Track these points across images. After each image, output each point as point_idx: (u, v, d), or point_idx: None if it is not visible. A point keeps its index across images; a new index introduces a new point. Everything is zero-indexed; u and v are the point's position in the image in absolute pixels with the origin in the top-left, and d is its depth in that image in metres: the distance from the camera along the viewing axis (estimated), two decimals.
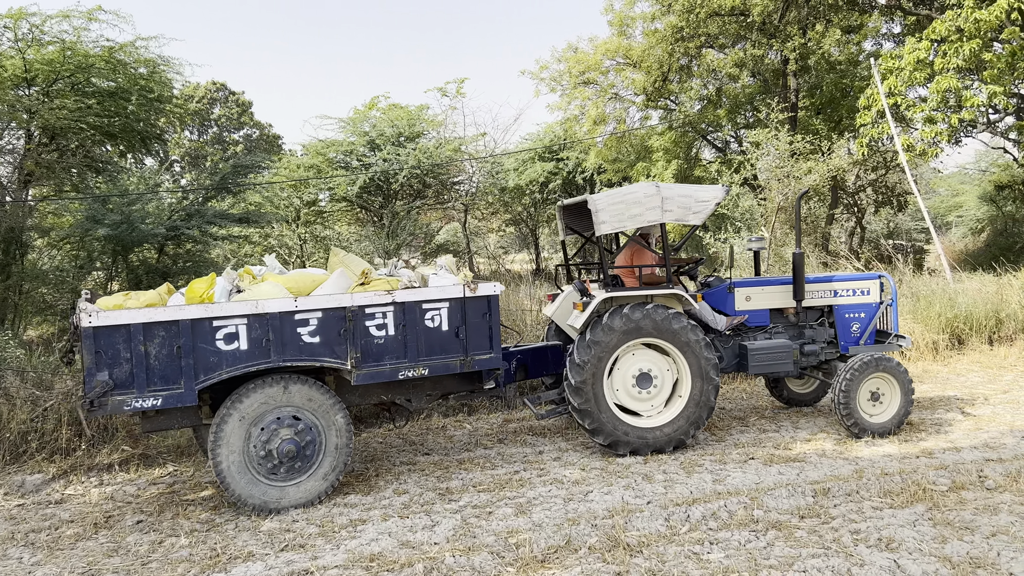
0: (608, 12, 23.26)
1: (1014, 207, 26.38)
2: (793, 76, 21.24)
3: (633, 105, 24.33)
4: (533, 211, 30.20)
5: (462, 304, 6.62)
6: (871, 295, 8.44)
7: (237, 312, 5.97)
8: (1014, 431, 7.63)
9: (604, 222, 7.27)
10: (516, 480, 6.76)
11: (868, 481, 6.23)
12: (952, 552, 4.86)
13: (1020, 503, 5.65)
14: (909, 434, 7.72)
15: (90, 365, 5.63)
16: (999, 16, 14.40)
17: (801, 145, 17.28)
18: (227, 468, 6.04)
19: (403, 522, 5.82)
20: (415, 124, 22.32)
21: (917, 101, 16.77)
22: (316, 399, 6.29)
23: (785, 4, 20.07)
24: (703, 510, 5.73)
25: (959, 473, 6.35)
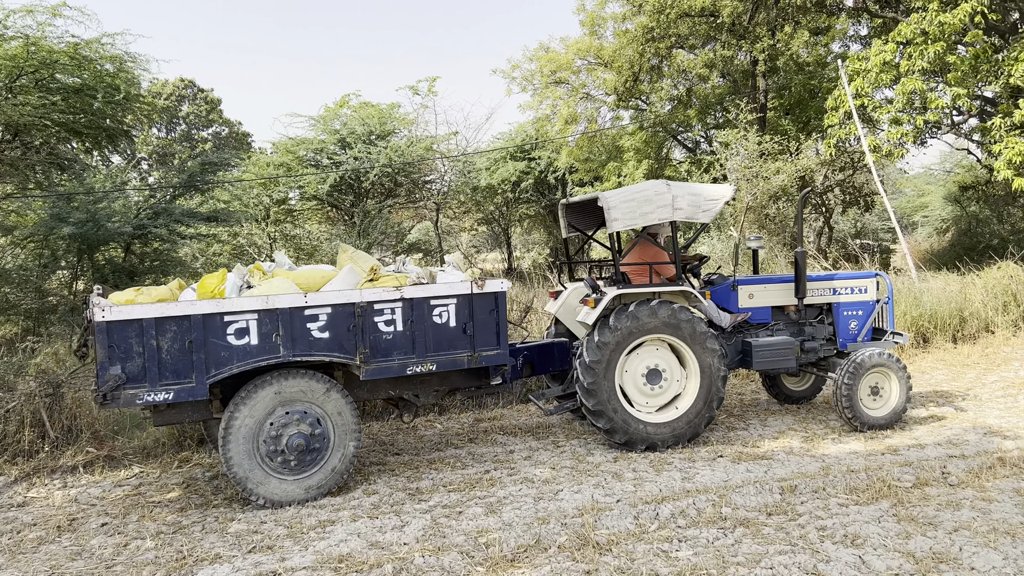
0: (580, 12, 23.33)
1: (978, 208, 26.83)
2: (762, 77, 21.44)
3: (604, 105, 24.43)
4: (505, 210, 30.20)
5: (470, 300, 6.71)
6: (868, 293, 8.63)
7: (248, 307, 6.04)
8: (976, 428, 7.76)
9: (616, 219, 7.31)
10: (486, 479, 6.76)
11: (834, 478, 6.31)
12: (915, 547, 4.94)
13: (981, 499, 5.75)
14: (874, 432, 7.82)
15: (103, 359, 5.69)
16: (963, 19, 14.64)
17: (770, 145, 17.47)
18: (237, 462, 6.11)
19: (372, 522, 5.79)
20: (386, 122, 22.23)
21: (883, 102, 17.00)
22: (325, 394, 6.36)
23: (754, 6, 20.25)
24: (672, 508, 5.76)
25: (923, 470, 6.45)
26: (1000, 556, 4.75)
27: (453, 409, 9.30)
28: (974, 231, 25.52)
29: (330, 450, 6.42)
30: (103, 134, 13.96)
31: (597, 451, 7.49)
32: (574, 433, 8.25)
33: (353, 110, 22.76)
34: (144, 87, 15.34)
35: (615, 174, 23.54)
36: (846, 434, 7.78)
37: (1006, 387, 9.60)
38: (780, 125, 21.84)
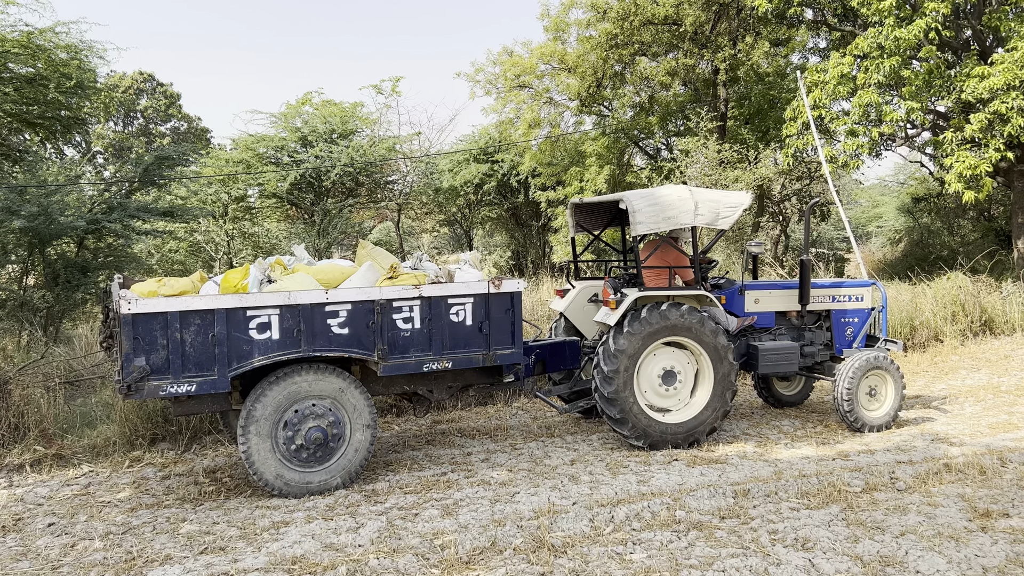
0: (544, 17, 23.40)
1: (929, 219, 27.48)
2: (723, 86, 21.71)
3: (567, 110, 24.52)
4: (468, 212, 30.17)
5: (486, 300, 6.83)
6: (865, 301, 8.89)
7: (270, 303, 6.16)
8: (924, 435, 7.94)
9: (641, 223, 7.44)
10: (443, 482, 6.74)
11: (786, 482, 6.41)
12: (864, 551, 5.04)
13: (928, 504, 5.89)
14: (826, 437, 7.97)
15: (128, 351, 5.79)
16: (917, 35, 14.98)
17: (729, 154, 17.69)
18: (256, 453, 6.21)
19: (327, 524, 5.74)
20: (349, 121, 22.09)
21: (840, 114, 17.30)
22: (343, 389, 6.47)
23: (716, 16, 20.51)
24: (627, 511, 5.81)
25: (872, 475, 6.58)
26: (944, 560, 4.87)
27: (409, 411, 9.26)
28: (925, 242, 26.14)
29: (346, 443, 6.54)
30: (57, 125, 13.67)
31: (555, 454, 7.52)
32: (532, 436, 8.27)
33: (315, 108, 22.57)
34: (101, 79, 15.03)
35: (577, 179, 23.63)
36: (798, 439, 7.91)
37: (953, 395, 9.84)
38: (740, 134, 22.13)
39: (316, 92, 22.85)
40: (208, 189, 21.52)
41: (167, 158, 14.77)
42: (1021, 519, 5.52)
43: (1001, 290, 14.91)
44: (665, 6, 19.99)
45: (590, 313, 8.47)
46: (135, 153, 28.69)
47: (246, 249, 23.91)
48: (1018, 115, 14.51)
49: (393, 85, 23.85)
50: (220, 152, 23.74)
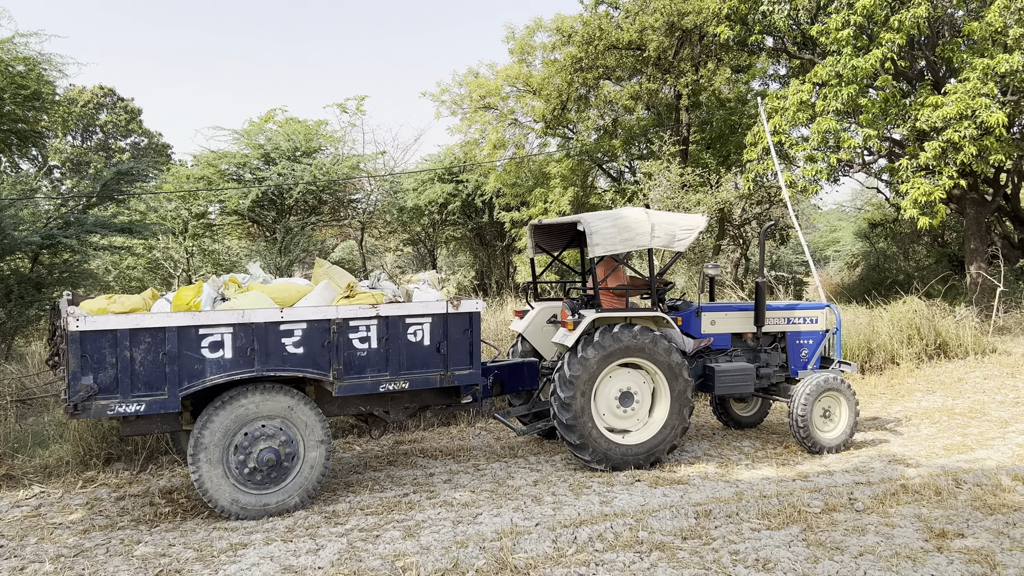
0: (509, 40, 23.57)
1: (886, 244, 28.05)
2: (685, 111, 22.02)
3: (532, 132, 24.67)
4: (432, 232, 30.11)
5: (444, 320, 6.77)
6: (819, 323, 8.99)
7: (223, 321, 6.03)
8: (882, 456, 8.05)
9: (598, 244, 7.48)
10: (405, 503, 6.67)
11: (747, 503, 6.44)
12: (823, 572, 5.08)
13: (885, 524, 5.96)
14: (787, 458, 8.04)
15: (75, 369, 5.66)
16: (874, 64, 15.36)
17: (691, 177, 17.92)
18: (207, 475, 6.07)
19: (286, 546, 5.64)
20: (312, 139, 21.99)
21: (799, 140, 17.65)
22: (297, 409, 6.36)
23: (679, 42, 20.83)
24: (590, 531, 5.79)
25: (831, 495, 6.65)
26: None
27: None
28: (882, 266, 26.66)
29: (301, 462, 6.42)
30: (13, 138, 13.40)
31: (518, 474, 7.48)
32: (495, 456, 8.23)
33: (279, 125, 22.44)
34: (60, 92, 14.79)
35: (542, 200, 23.74)
36: (759, 460, 7.97)
37: (909, 417, 10.00)
38: (701, 158, 22.45)
39: (280, 109, 22.76)
40: (168, 205, 21.24)
41: (126, 173, 14.52)
42: (976, 539, 5.61)
43: (955, 314, 15.23)
44: (629, 31, 20.27)
45: (548, 334, 8.44)
46: (93, 168, 28.22)
47: (206, 267, 23.59)
48: (970, 144, 14.92)
49: (358, 104, 23.84)
50: (181, 168, 23.47)
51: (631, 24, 20.39)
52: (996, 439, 8.69)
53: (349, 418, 9.07)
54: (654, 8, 19.95)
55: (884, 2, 15.69)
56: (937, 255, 25.79)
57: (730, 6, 18.29)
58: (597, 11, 21.51)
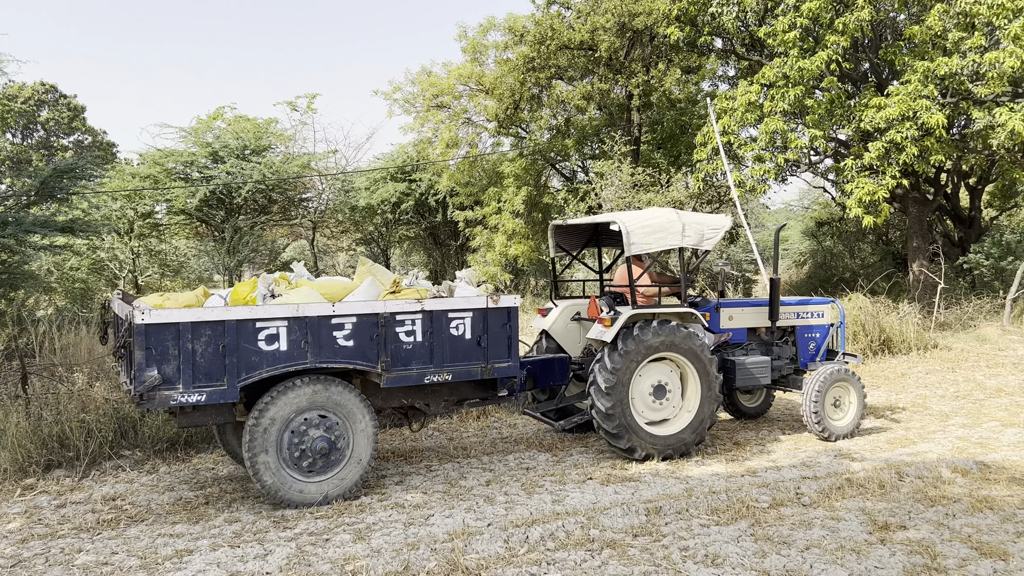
0: (461, 39, 23.51)
1: (832, 242, 28.63)
2: (636, 111, 22.20)
3: (485, 131, 24.65)
4: (385, 231, 29.91)
5: (485, 314, 7.02)
6: (825, 318, 9.50)
7: (279, 315, 6.28)
8: (828, 451, 8.20)
9: (634, 243, 7.76)
10: (356, 505, 6.60)
11: (697, 499, 6.51)
12: (770, 566, 5.15)
13: (831, 518, 6.07)
14: (736, 454, 8.15)
15: (140, 361, 5.86)
16: (820, 66, 15.66)
17: (642, 177, 18.06)
18: (262, 463, 6.28)
19: (233, 551, 5.55)
20: (262, 137, 21.68)
21: (748, 140, 17.91)
22: (346, 400, 6.58)
23: (630, 42, 20.99)
24: (542, 531, 5.80)
25: (779, 491, 6.75)
26: (846, 572, 5.02)
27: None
28: (828, 264, 27.21)
29: (349, 454, 6.63)
30: None
31: (470, 475, 7.46)
32: (448, 457, 8.20)
33: (227, 123, 22.08)
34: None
35: (495, 199, 23.74)
36: (708, 456, 8.06)
37: None
38: (653, 158, 22.64)
39: (228, 107, 22.38)
40: (113, 204, 20.76)
41: (68, 171, 14.13)
42: (917, 531, 5.75)
43: (898, 311, 15.61)
44: (581, 32, 20.37)
45: (573, 331, 8.75)
46: (34, 166, 27.44)
47: (152, 267, 23.12)
48: (912, 144, 15.29)
49: (309, 102, 23.56)
50: (126, 166, 22.94)
51: (583, 24, 20.49)
52: (937, 432, 8.92)
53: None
54: (605, 8, 20.07)
55: (829, 5, 16.01)
56: (881, 253, 26.41)
57: (680, 7, 18.49)
58: (549, 11, 21.56)
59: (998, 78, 15.14)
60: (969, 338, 16.36)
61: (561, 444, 8.65)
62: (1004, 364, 13.71)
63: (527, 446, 8.60)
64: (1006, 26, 14.92)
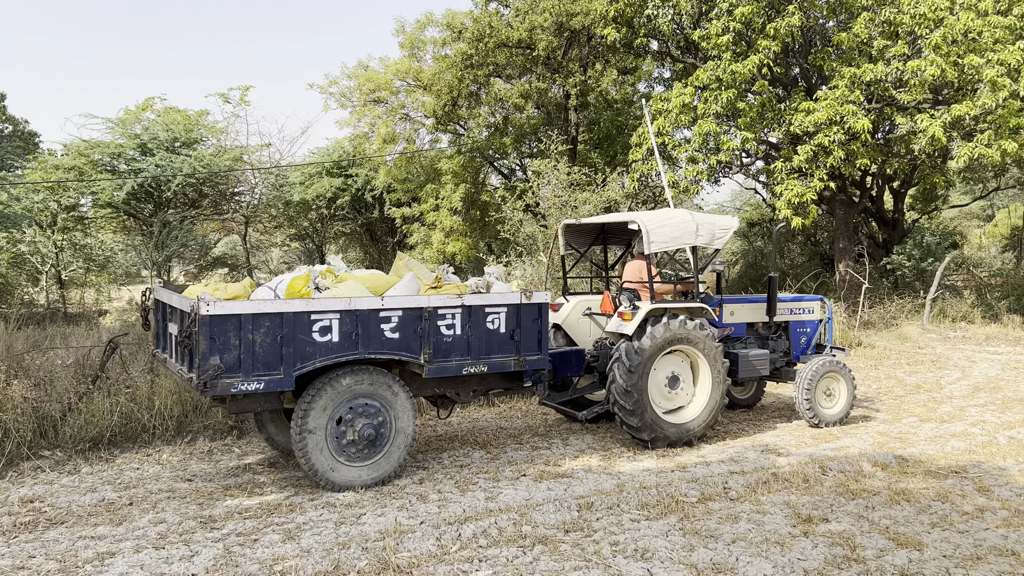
0: (399, 34, 23.36)
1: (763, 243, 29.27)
2: (574, 111, 22.36)
3: (423, 127, 24.53)
4: (320, 227, 29.52)
5: (518, 309, 7.37)
6: (815, 313, 10.11)
7: (333, 307, 6.56)
8: (755, 446, 8.40)
9: (653, 242, 8.24)
10: (286, 505, 6.51)
11: (628, 495, 6.60)
12: (698, 559, 5.25)
13: (757, 512, 6.22)
14: (666, 450, 8.27)
15: (205, 350, 6.08)
16: (752, 70, 16.01)
17: (579, 176, 18.20)
18: (311, 447, 6.56)
19: (158, 553, 5.41)
20: (193, 129, 21.19)
21: (682, 142, 18.22)
22: (390, 389, 6.91)
23: (568, 42, 21.14)
24: (474, 528, 5.80)
25: (707, 485, 6.89)
26: (770, 564, 5.15)
27: (252, 432, 8.91)
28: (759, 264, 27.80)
29: (391, 440, 6.96)
30: None
31: (403, 473, 7.41)
32: None
33: (157, 115, 21.51)
34: None
35: (433, 196, 23.65)
36: (640, 452, 8.17)
37: (780, 408, 10.47)
38: (589, 158, 22.84)
39: (158, 98, 21.80)
40: (34, 196, 20.02)
41: None
42: (838, 523, 5.93)
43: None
44: (519, 30, 20.42)
45: (585, 325, 9.20)
46: None
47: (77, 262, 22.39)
48: (839, 148, 15.75)
49: (242, 94, 23.08)
50: (50, 157, 22.15)
51: (521, 23, 20.55)
52: (859, 428, 9.21)
53: (229, 419, 8.83)
54: (543, 8, 20.17)
55: (761, 10, 16.38)
56: (809, 253, 27.13)
57: (617, 9, 18.69)
58: (487, 8, 21.58)
59: (920, 85, 15.70)
60: (891, 336, 16.94)
61: (496, 441, 8.67)
62: (923, 361, 14.24)
63: (461, 444, 8.59)
64: (927, 36, 15.49)
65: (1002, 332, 18.47)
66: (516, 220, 18.50)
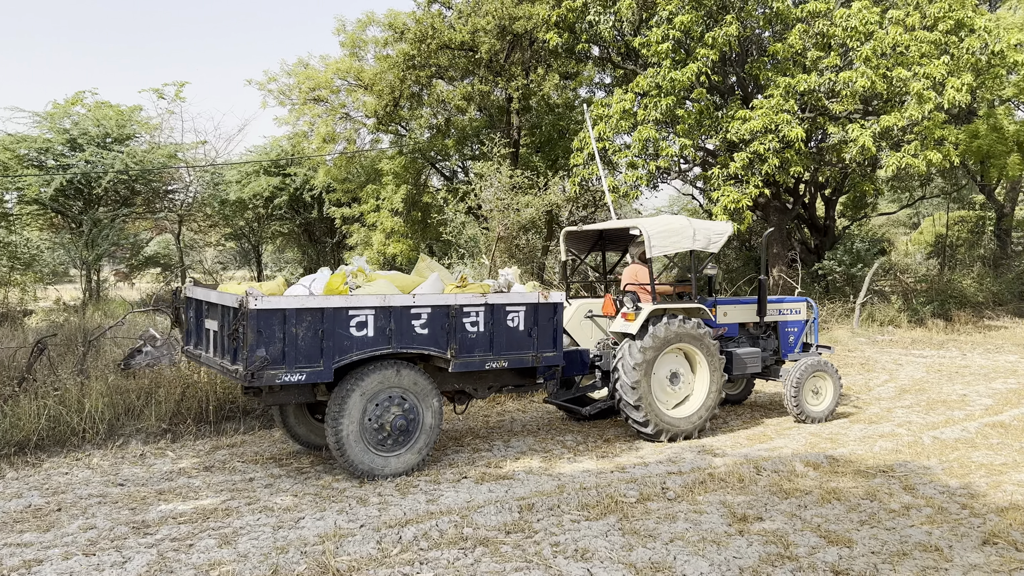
0: (340, 33, 23.15)
1: None
2: (516, 114, 22.44)
3: (364, 127, 24.33)
4: (256, 226, 29.01)
5: (536, 308, 7.79)
6: (802, 314, 10.57)
7: (369, 304, 6.93)
8: (693, 447, 8.54)
9: (654, 246, 8.64)
10: (222, 510, 6.38)
11: (568, 496, 6.65)
12: (637, 559, 5.32)
13: (694, 511, 6.33)
14: (606, 450, 8.37)
15: (252, 342, 6.38)
16: (690, 77, 16.30)
17: (521, 179, 18.28)
18: (346, 437, 6.89)
19: (88, 560, 5.25)
20: (125, 125, 20.65)
21: (622, 147, 18.42)
22: (419, 382, 7.29)
23: (510, 46, 21.20)
24: (415, 530, 5.78)
25: (646, 485, 6.98)
26: (707, 563, 5.25)
27: (187, 436, 8.73)
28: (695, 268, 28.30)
29: (420, 430, 7.33)
30: None
31: (343, 476, 7.35)
32: (320, 459, 8.04)
33: (88, 109, 20.89)
34: None
35: (374, 196, 23.45)
36: (580, 453, 8.24)
37: None
38: (531, 161, 22.94)
39: (89, 92, 21.17)
40: None
41: None
42: (772, 522, 6.07)
43: None
44: (461, 32, 20.41)
45: (587, 327, 9.58)
46: None
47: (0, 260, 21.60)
48: (774, 156, 16.13)
49: (177, 90, 22.60)
50: None
51: (464, 25, 20.54)
52: (792, 428, 9.45)
53: (161, 421, 8.64)
54: (486, 11, 20.20)
55: (700, 19, 16.69)
56: (745, 258, 27.71)
57: (559, 14, 18.82)
58: (430, 10, 21.51)
59: (851, 96, 16.20)
60: (822, 340, 17.41)
61: (437, 444, 8.64)
62: (852, 364, 14.68)
63: None
64: (858, 48, 15.99)
65: (927, 336, 19.16)
66: (458, 222, 18.48)
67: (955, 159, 17.42)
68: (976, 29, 16.73)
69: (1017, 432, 9.19)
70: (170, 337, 10.18)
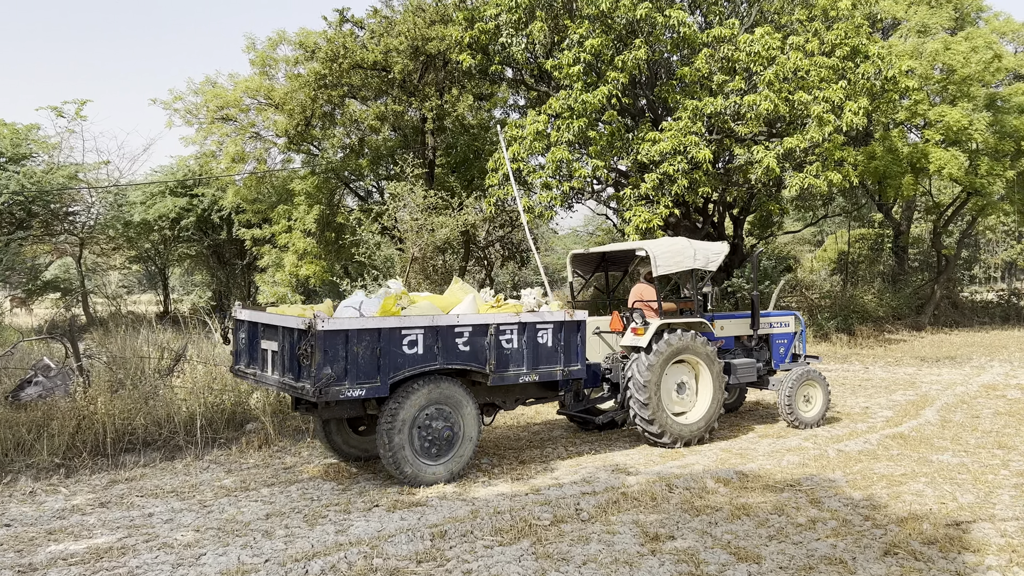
0: (250, 51, 22.72)
1: None
2: (431, 134, 22.37)
3: (275, 146, 23.87)
4: (163, 248, 28.07)
5: (562, 326, 8.43)
6: (791, 327, 11.33)
7: (420, 323, 7.49)
8: (607, 466, 8.57)
9: (660, 266, 9.37)
10: (118, 548, 6.06)
11: (482, 521, 6.56)
12: None
13: (607, 532, 6.32)
14: (520, 472, 8.31)
15: (320, 361, 6.89)
16: (601, 100, 16.54)
17: (436, 200, 18.20)
18: (397, 448, 7.42)
19: None
20: (21, 144, 19.77)
21: (536, 168, 18.55)
22: (460, 396, 7.84)
23: (424, 66, 21.16)
24: (323, 563, 5.60)
25: (560, 507, 6.95)
26: None
27: (83, 470, 8.29)
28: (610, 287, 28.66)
29: (461, 441, 7.88)
30: None
31: (248, 509, 7.08)
32: (224, 491, 7.74)
33: None
34: None
35: (285, 217, 22.98)
36: (495, 476, 8.17)
37: (630, 428, 10.75)
38: (447, 181, 22.88)
39: None
40: None
41: None
42: (684, 540, 6.11)
43: None
44: (374, 52, 20.27)
45: (594, 343, 9.95)
46: None
47: None
48: (683, 176, 16.49)
49: (78, 108, 21.72)
50: None
51: (376, 45, 20.41)
52: (703, 445, 9.59)
53: (54, 456, 8.19)
54: (399, 31, 20.12)
55: (610, 43, 16.99)
56: None
57: (472, 36, 18.88)
58: (342, 29, 21.30)
59: (755, 119, 16.72)
60: None
61: (348, 472, 8.44)
62: None
63: (311, 476, 8.31)
64: (762, 72, 16.54)
65: (831, 350, 19.83)
66: (373, 243, 18.25)
67: (854, 179, 18.17)
68: (871, 55, 17.53)
69: (915, 443, 9.55)
70: (64, 367, 9.69)
